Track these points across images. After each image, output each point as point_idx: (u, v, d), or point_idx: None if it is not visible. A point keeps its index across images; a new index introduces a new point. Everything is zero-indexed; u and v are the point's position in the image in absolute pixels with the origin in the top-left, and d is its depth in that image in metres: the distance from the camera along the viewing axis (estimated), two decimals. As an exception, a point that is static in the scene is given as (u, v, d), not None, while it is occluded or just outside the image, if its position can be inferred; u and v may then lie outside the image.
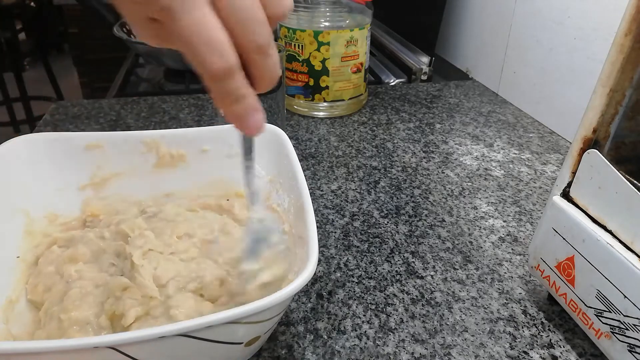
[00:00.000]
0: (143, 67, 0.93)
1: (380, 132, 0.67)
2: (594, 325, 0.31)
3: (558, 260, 0.34)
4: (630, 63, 0.29)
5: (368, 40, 0.70)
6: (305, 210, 0.32)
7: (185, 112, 0.71)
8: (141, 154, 0.42)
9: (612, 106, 0.30)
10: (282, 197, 0.39)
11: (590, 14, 0.59)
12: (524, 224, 0.48)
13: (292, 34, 0.66)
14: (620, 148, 0.32)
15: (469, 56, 0.89)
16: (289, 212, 0.37)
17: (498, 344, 0.35)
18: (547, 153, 0.62)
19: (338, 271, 0.42)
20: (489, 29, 0.81)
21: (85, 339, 0.23)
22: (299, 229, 0.33)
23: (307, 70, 0.68)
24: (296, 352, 0.34)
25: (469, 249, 0.45)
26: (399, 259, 0.43)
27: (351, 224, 0.48)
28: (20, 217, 0.37)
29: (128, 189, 0.42)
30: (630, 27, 0.28)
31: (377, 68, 0.93)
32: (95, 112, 0.71)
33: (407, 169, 0.58)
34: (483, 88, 0.83)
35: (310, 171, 0.57)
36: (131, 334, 0.23)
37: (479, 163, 0.59)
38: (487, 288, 0.40)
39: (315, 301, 0.39)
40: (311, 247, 0.28)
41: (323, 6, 0.65)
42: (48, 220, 0.39)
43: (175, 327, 0.23)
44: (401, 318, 0.37)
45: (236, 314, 0.24)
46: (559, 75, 0.65)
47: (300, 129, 0.67)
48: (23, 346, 0.23)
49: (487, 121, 0.70)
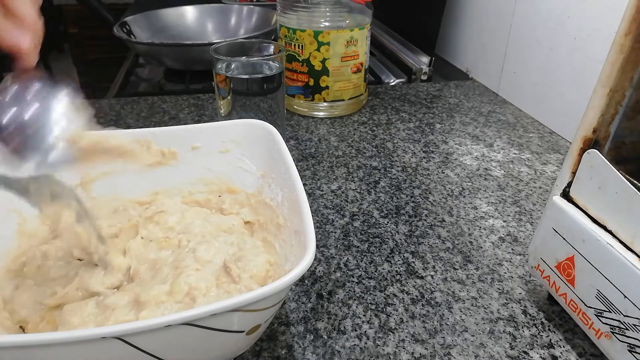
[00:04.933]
0: (143, 67, 0.93)
1: (380, 132, 0.67)
2: (594, 325, 0.31)
3: (558, 260, 0.34)
4: (630, 63, 0.29)
5: (368, 40, 0.70)
6: (300, 202, 0.32)
7: (185, 112, 0.71)
8: (133, 152, 0.42)
9: (612, 106, 0.30)
10: (275, 191, 0.39)
11: (590, 14, 0.59)
12: (524, 224, 0.48)
13: (292, 34, 0.66)
14: (620, 148, 0.32)
15: (469, 56, 0.89)
16: (282, 206, 0.37)
17: (498, 344, 0.35)
18: (547, 153, 0.62)
19: (338, 271, 0.42)
20: (489, 29, 0.81)
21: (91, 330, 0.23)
22: (294, 222, 0.33)
23: (307, 70, 0.68)
24: (296, 352, 0.34)
25: (469, 249, 0.45)
26: (399, 259, 0.43)
27: (351, 224, 0.48)
28: (14, 217, 0.37)
29: (119, 187, 0.42)
30: (630, 27, 0.28)
31: (377, 68, 0.93)
32: (95, 112, 0.71)
33: (407, 169, 0.58)
34: (483, 88, 0.83)
35: (310, 171, 0.57)
36: (137, 323, 0.23)
37: (479, 163, 0.59)
38: (487, 288, 0.40)
39: (315, 301, 0.39)
40: (308, 238, 0.29)
41: (323, 6, 0.65)
42: (40, 219, 0.39)
43: (180, 316, 0.24)
44: (401, 318, 0.37)
45: (239, 302, 0.25)
46: (559, 75, 0.65)
47: (300, 129, 0.67)
48: (26, 339, 0.23)
49: (487, 121, 0.70)
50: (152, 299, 0.31)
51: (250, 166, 0.42)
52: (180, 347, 0.26)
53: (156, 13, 0.95)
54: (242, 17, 0.99)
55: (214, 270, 0.34)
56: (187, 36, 0.95)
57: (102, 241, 0.35)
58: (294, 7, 0.66)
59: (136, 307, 0.31)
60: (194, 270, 0.33)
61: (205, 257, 0.35)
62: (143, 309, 0.31)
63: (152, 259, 0.36)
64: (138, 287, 0.33)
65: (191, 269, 0.33)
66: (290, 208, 0.35)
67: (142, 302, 0.31)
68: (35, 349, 0.23)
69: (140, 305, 0.31)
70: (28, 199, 0.30)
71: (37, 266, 0.35)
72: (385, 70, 0.92)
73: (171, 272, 0.33)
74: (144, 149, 0.42)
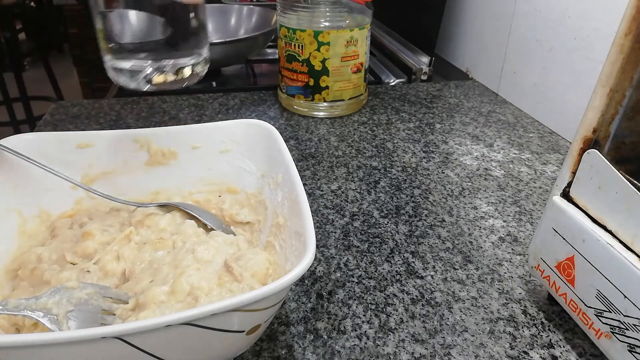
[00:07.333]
0: (143, 67, 0.93)
1: (380, 132, 0.67)
2: (594, 325, 0.31)
3: (558, 260, 0.34)
4: (630, 63, 0.29)
5: (368, 40, 0.70)
6: (300, 202, 0.32)
7: (185, 112, 0.71)
8: (133, 152, 0.42)
9: (612, 106, 0.30)
10: (274, 192, 0.39)
11: (590, 14, 0.59)
12: (524, 224, 0.48)
13: (292, 34, 0.66)
14: (620, 148, 0.32)
15: (469, 56, 0.89)
16: (282, 206, 0.37)
17: (498, 344, 0.35)
18: (547, 153, 0.62)
19: (338, 271, 0.42)
20: (489, 29, 0.81)
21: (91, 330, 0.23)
22: (294, 222, 0.33)
23: (307, 70, 0.68)
24: (296, 352, 0.34)
25: (469, 249, 0.45)
26: (399, 259, 0.43)
27: (351, 224, 0.48)
28: (14, 217, 0.37)
29: (119, 187, 0.42)
30: (630, 27, 0.28)
31: (377, 68, 0.93)
32: (95, 112, 0.71)
33: (407, 169, 0.58)
34: (483, 88, 0.83)
35: (310, 171, 0.57)
36: (137, 323, 0.23)
37: (479, 163, 0.59)
38: (487, 288, 0.40)
39: (315, 301, 0.39)
40: (308, 237, 0.29)
41: (323, 6, 0.65)
42: (40, 219, 0.39)
43: (180, 316, 0.24)
44: (401, 318, 0.37)
45: (239, 302, 0.25)
46: (559, 75, 0.65)
47: (300, 129, 0.67)
48: (26, 339, 0.23)
49: (487, 121, 0.70)
50: (153, 299, 0.31)
51: (250, 166, 0.42)
52: (180, 347, 0.26)
53: (156, 13, 0.94)
54: (242, 17, 0.99)
55: (215, 269, 0.34)
56: (187, 36, 0.95)
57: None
58: (294, 7, 0.66)
59: (136, 307, 0.31)
60: (195, 269, 0.33)
61: (205, 257, 0.35)
62: (143, 309, 0.31)
63: (148, 259, 0.36)
64: (137, 286, 0.33)
65: (192, 269, 0.33)
66: (290, 208, 0.35)
67: (142, 302, 0.31)
68: (35, 349, 0.23)
69: (140, 305, 0.31)
70: None
71: (31, 269, 0.35)
72: (385, 70, 0.92)
73: (171, 271, 0.33)
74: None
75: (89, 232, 0.37)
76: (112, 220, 0.40)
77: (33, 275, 0.34)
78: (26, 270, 0.35)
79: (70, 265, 0.35)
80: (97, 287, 0.32)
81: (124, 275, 0.35)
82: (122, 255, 0.36)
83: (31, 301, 0.29)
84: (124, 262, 0.36)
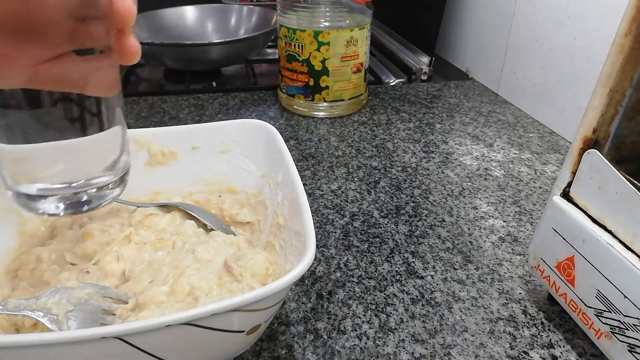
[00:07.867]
0: (143, 67, 0.93)
1: (380, 132, 0.67)
2: (594, 325, 0.31)
3: (558, 260, 0.34)
4: (630, 63, 0.29)
5: (368, 40, 0.70)
6: (300, 202, 0.32)
7: (185, 112, 0.71)
8: (133, 152, 0.42)
9: (612, 106, 0.30)
10: (274, 192, 0.39)
11: (590, 14, 0.59)
12: (524, 224, 0.48)
13: (292, 34, 0.66)
14: (620, 148, 0.32)
15: (469, 56, 0.89)
16: (282, 206, 0.37)
17: (498, 344, 0.35)
18: (547, 153, 0.62)
19: (338, 271, 0.42)
20: (489, 29, 0.81)
21: (91, 330, 0.23)
22: (294, 222, 0.33)
23: (307, 70, 0.68)
24: (296, 352, 0.34)
25: (469, 249, 0.45)
26: (399, 259, 0.43)
27: (351, 224, 0.48)
28: (14, 217, 0.37)
29: None
30: (630, 27, 0.28)
31: (377, 68, 0.93)
32: (95, 112, 0.71)
33: (407, 169, 0.58)
34: (483, 88, 0.83)
35: (310, 171, 0.57)
36: (137, 323, 0.23)
37: (479, 163, 0.59)
38: (487, 288, 0.40)
39: (315, 301, 0.39)
40: (308, 237, 0.29)
41: (323, 6, 0.65)
42: (40, 220, 0.39)
43: (180, 316, 0.24)
44: (401, 318, 0.37)
45: (239, 302, 0.25)
46: (559, 75, 0.65)
47: (300, 129, 0.67)
48: (26, 339, 0.23)
49: (487, 121, 0.70)
50: (152, 299, 0.31)
51: (250, 166, 0.42)
52: (181, 347, 0.26)
53: (156, 13, 0.95)
54: (242, 17, 0.99)
55: (215, 269, 0.34)
56: (187, 36, 0.95)
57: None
58: (294, 7, 0.66)
59: (136, 307, 0.31)
60: (194, 270, 0.33)
61: (205, 257, 0.35)
62: (143, 309, 0.31)
63: (148, 260, 0.36)
64: (136, 286, 0.33)
65: (192, 269, 0.33)
66: (290, 208, 0.35)
67: (141, 302, 0.31)
68: (35, 349, 0.23)
69: (140, 305, 0.31)
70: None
71: (31, 269, 0.35)
72: (385, 70, 0.92)
73: (171, 271, 0.33)
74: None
75: (88, 233, 0.37)
76: (112, 220, 0.39)
77: (33, 275, 0.34)
78: (26, 271, 0.35)
79: (70, 265, 0.35)
80: (97, 287, 0.32)
81: (124, 276, 0.35)
82: (122, 255, 0.36)
83: (31, 301, 0.29)
84: (124, 262, 0.36)
